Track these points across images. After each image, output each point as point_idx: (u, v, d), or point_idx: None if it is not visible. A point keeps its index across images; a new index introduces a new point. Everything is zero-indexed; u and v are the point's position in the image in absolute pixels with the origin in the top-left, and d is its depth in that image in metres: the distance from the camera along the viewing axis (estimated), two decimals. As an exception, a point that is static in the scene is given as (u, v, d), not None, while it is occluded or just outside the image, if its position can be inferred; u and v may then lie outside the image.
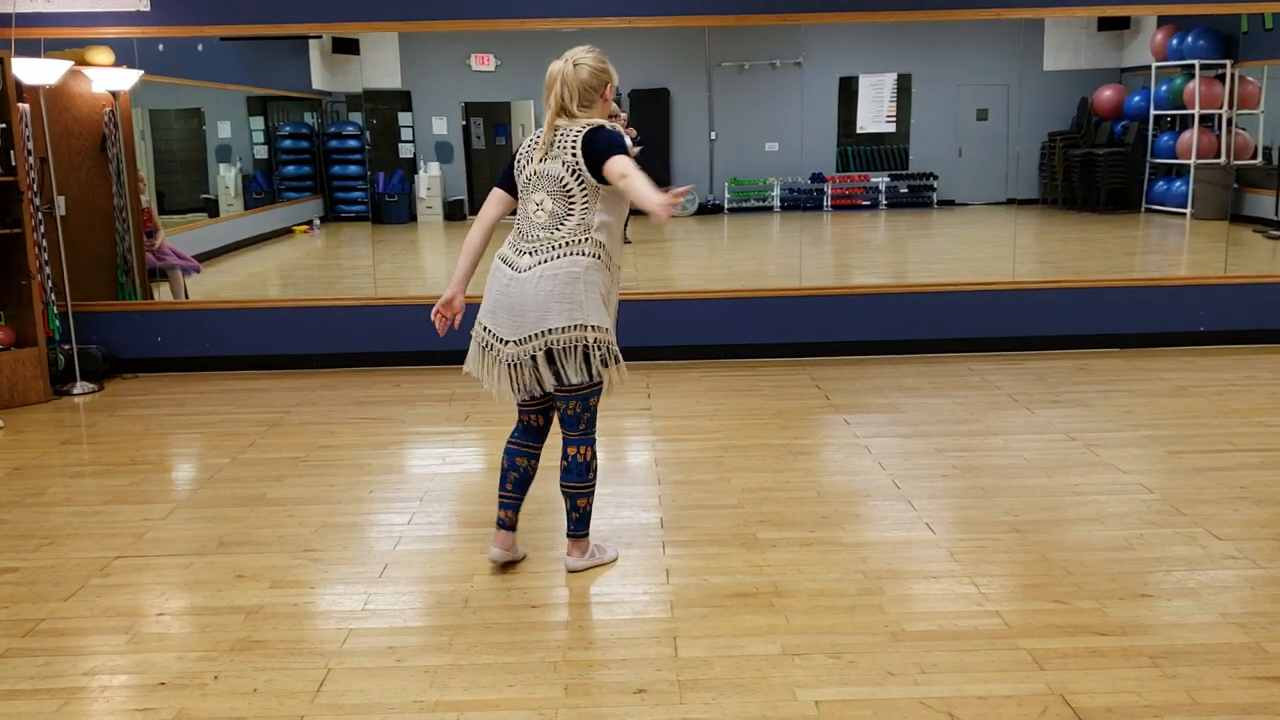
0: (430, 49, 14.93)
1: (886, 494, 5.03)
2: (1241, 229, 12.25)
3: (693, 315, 7.95)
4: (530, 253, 3.96)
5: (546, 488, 5.13)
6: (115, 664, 3.57)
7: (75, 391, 7.26)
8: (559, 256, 3.92)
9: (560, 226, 3.94)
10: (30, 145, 7.02)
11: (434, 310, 4.31)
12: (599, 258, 3.97)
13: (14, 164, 6.81)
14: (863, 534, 4.57)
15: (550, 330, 3.93)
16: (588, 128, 3.91)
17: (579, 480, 4.15)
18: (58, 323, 7.29)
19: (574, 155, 3.88)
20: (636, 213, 4.14)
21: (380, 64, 14.53)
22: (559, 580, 4.17)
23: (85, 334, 7.55)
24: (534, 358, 3.96)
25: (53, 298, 7.28)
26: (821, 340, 7.91)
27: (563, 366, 3.96)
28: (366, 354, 7.87)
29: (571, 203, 3.93)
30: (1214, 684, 3.27)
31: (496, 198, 4.16)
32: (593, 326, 3.95)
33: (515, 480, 4.27)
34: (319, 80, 14.26)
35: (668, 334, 7.89)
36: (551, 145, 3.93)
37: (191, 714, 3.25)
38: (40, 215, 7.14)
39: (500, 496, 4.27)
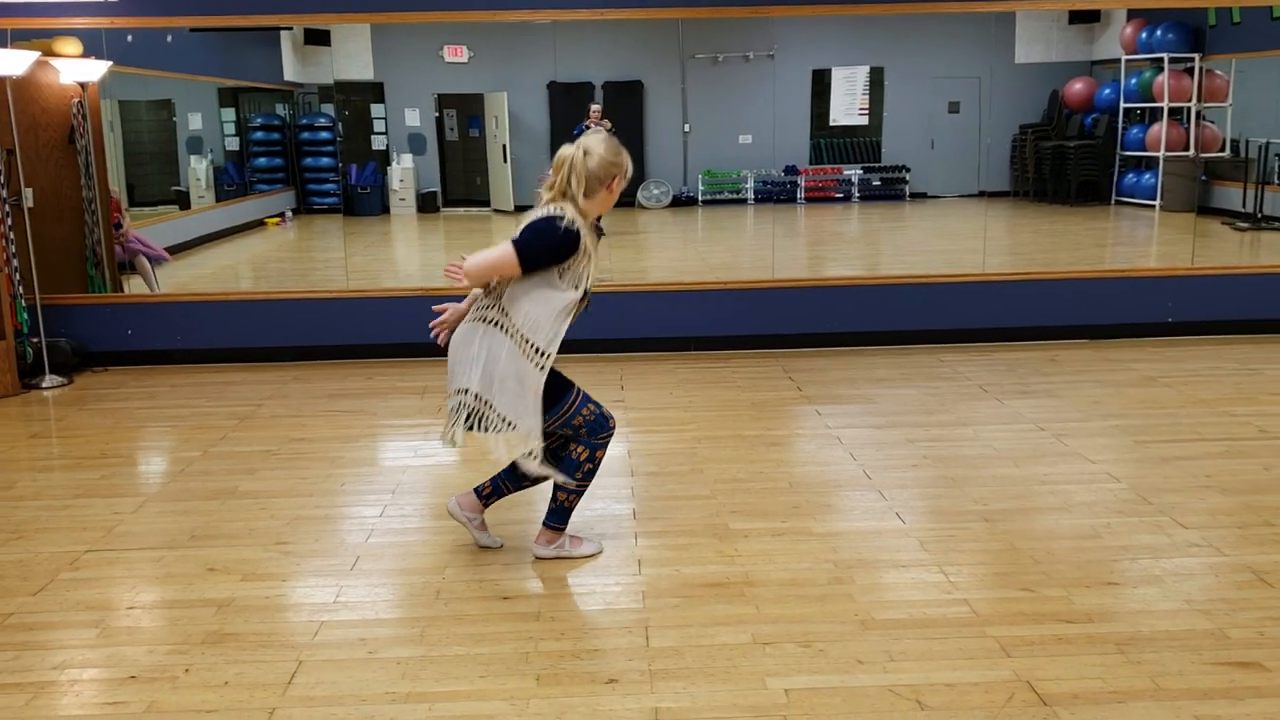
0: (403, 40, 14.90)
1: (857, 484, 5.06)
2: (1210, 221, 12.36)
3: (666, 307, 7.96)
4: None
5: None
6: (85, 658, 3.56)
7: (44, 385, 7.21)
8: (473, 319, 4.03)
9: (490, 291, 4.04)
10: (-3, 137, 6.97)
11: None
12: (503, 328, 3.95)
13: (-19, 156, 6.77)
14: (834, 524, 4.60)
15: (454, 390, 4.08)
16: (546, 213, 3.93)
17: (568, 475, 4.15)
18: (26, 316, 7.24)
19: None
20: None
21: (352, 55, 14.49)
22: (531, 572, 4.18)
23: (54, 327, 7.49)
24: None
25: (21, 290, 7.23)
26: (794, 332, 7.93)
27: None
28: (339, 346, 7.85)
29: None
30: (1178, 669, 3.32)
31: None
32: (476, 395, 3.97)
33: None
34: (291, 72, 14.21)
35: (641, 326, 7.90)
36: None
37: (162, 707, 3.25)
38: (8, 207, 7.08)
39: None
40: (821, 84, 15.93)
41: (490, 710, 3.20)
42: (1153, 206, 13.90)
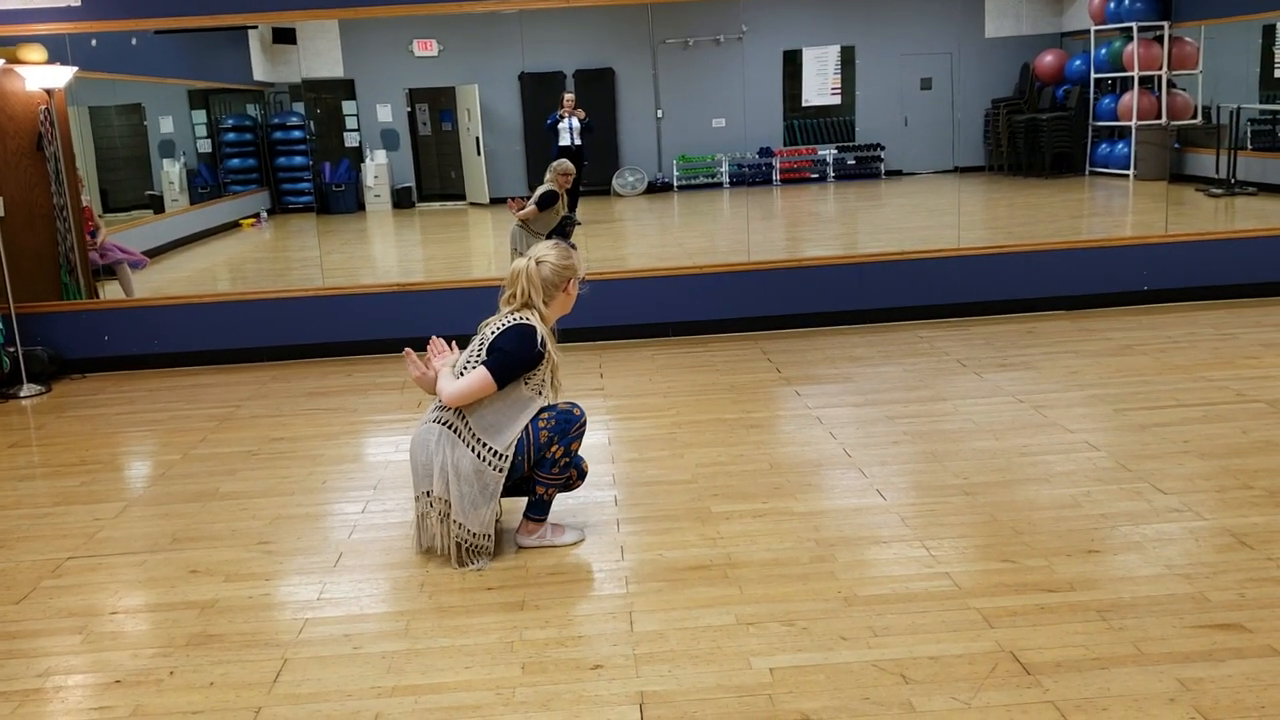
0: (371, 35, 14.83)
1: (838, 463, 5.08)
2: (1183, 188, 12.40)
3: (644, 294, 7.97)
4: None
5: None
6: (70, 664, 3.55)
7: (22, 394, 7.18)
8: (431, 421, 4.15)
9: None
10: (-36, 146, 6.92)
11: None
12: (458, 432, 4.07)
13: (-52, 166, 6.72)
14: (815, 503, 4.62)
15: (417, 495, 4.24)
16: (511, 324, 4.10)
17: (546, 471, 4.16)
18: (2, 325, 7.20)
19: (490, 335, 4.11)
20: (581, 194, 4.20)
21: (321, 53, 14.42)
22: (515, 562, 4.19)
23: (30, 335, 7.46)
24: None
25: (-5, 300, 7.20)
26: (771, 314, 7.94)
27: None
28: (318, 345, 7.83)
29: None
30: (1159, 634, 3.34)
31: None
32: (438, 498, 4.11)
33: None
34: (260, 71, 14.13)
35: (619, 313, 7.89)
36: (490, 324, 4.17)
37: (148, 710, 3.24)
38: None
39: None
40: (793, 65, 15.94)
41: (476, 700, 3.20)
42: (1127, 176, 13.94)
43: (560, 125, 11.77)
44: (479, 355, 4.09)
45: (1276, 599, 3.53)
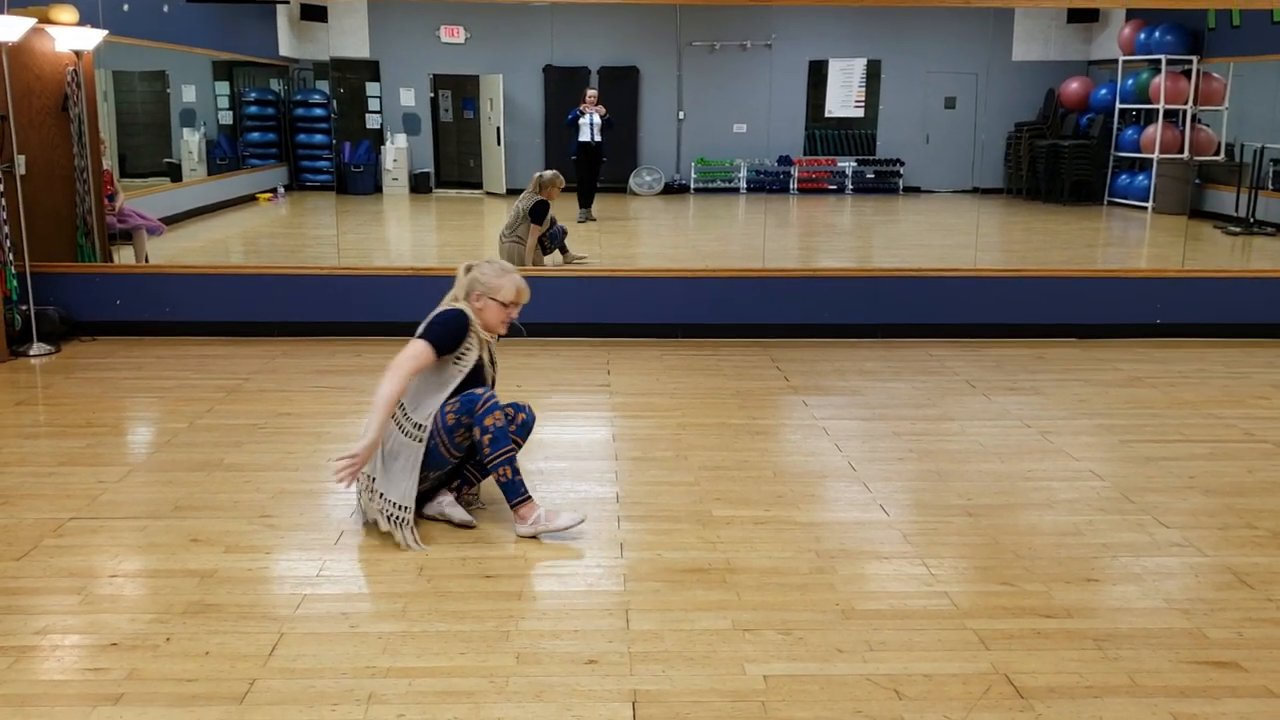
0: (400, 19, 14.85)
1: (842, 475, 5.08)
2: (1202, 224, 12.41)
3: (655, 294, 7.96)
4: None
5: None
6: (67, 624, 3.56)
7: (32, 353, 7.18)
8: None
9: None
10: (-10, 102, 6.94)
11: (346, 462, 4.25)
12: (396, 420, 4.34)
13: (-26, 121, 6.74)
14: (817, 514, 4.62)
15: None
16: (449, 307, 4.48)
17: (484, 456, 4.32)
18: (15, 283, 7.21)
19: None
20: (598, 190, 4.24)
21: (349, 32, 14.45)
22: (514, 551, 4.19)
23: (43, 295, 7.46)
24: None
25: (10, 257, 7.20)
26: (783, 322, 7.94)
27: None
28: (328, 323, 7.84)
29: None
30: (1154, 667, 3.34)
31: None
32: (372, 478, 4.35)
33: None
34: (286, 47, 14.17)
35: (629, 311, 7.90)
36: None
37: (143, 674, 3.25)
38: (0, 174, 7.05)
39: None
40: (818, 75, 15.95)
41: (469, 686, 3.21)
42: (1145, 208, 13.94)
43: (581, 121, 11.78)
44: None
45: (1275, 640, 3.53)
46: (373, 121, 15.15)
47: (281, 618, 3.62)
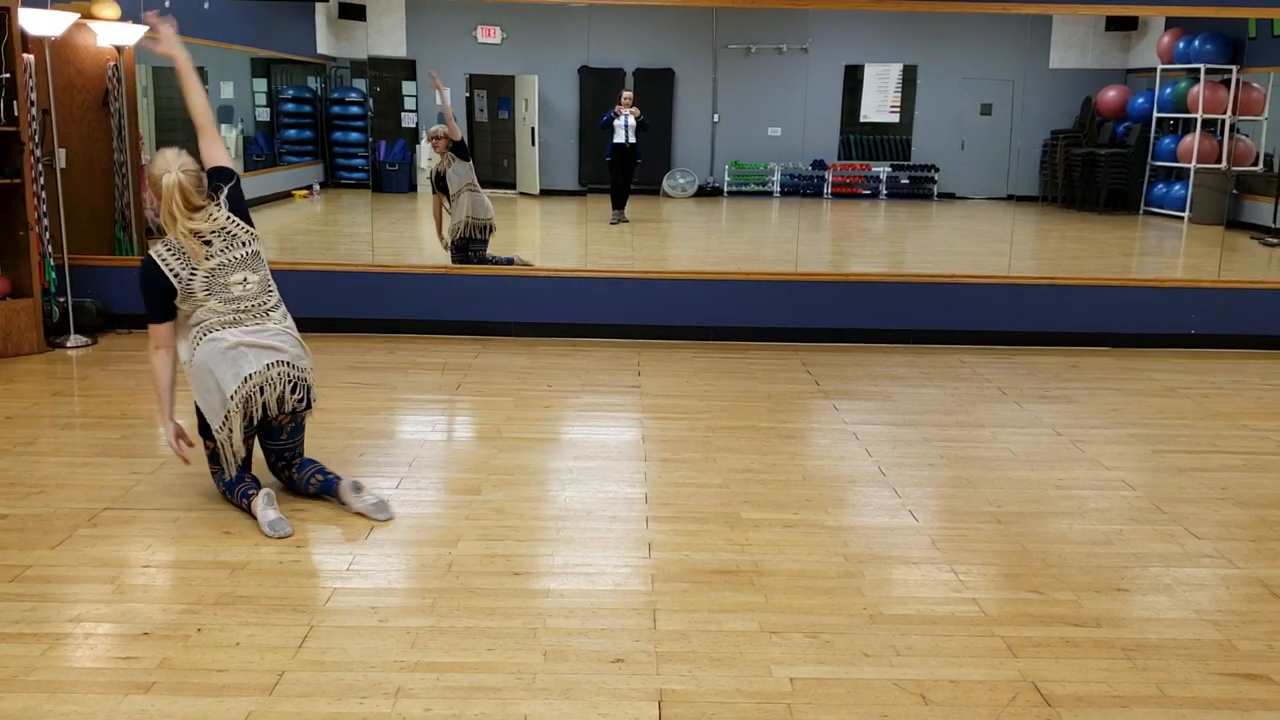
0: (437, 18, 14.91)
1: (872, 480, 5.07)
2: (1238, 235, 12.29)
3: (686, 296, 7.97)
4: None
5: (534, 459, 5.21)
6: (100, 612, 3.60)
7: (69, 344, 7.26)
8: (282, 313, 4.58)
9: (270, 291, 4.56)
10: (34, 96, 7.01)
11: (174, 442, 4.59)
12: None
13: (16, 115, 6.81)
14: (846, 518, 4.61)
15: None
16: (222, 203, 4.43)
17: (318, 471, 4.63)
18: (54, 275, 7.29)
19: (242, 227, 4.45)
20: (631, 192, 4.27)
21: (386, 31, 14.51)
22: (542, 550, 4.21)
23: (80, 287, 7.54)
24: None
25: (50, 250, 7.29)
26: (814, 326, 7.93)
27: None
28: (361, 320, 7.89)
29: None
30: (1184, 678, 3.32)
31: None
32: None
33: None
34: (324, 45, 14.25)
35: (660, 313, 7.91)
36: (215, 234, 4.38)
37: (174, 664, 3.28)
38: (40, 167, 7.13)
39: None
40: (853, 80, 15.89)
41: (497, 683, 3.22)
42: (1181, 218, 13.82)
43: (616, 123, 11.79)
44: (247, 233, 4.49)
45: (1306, 653, 3.51)
46: (408, 120, 15.21)
47: (311, 610, 3.65)
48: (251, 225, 4.49)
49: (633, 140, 11.78)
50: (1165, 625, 3.68)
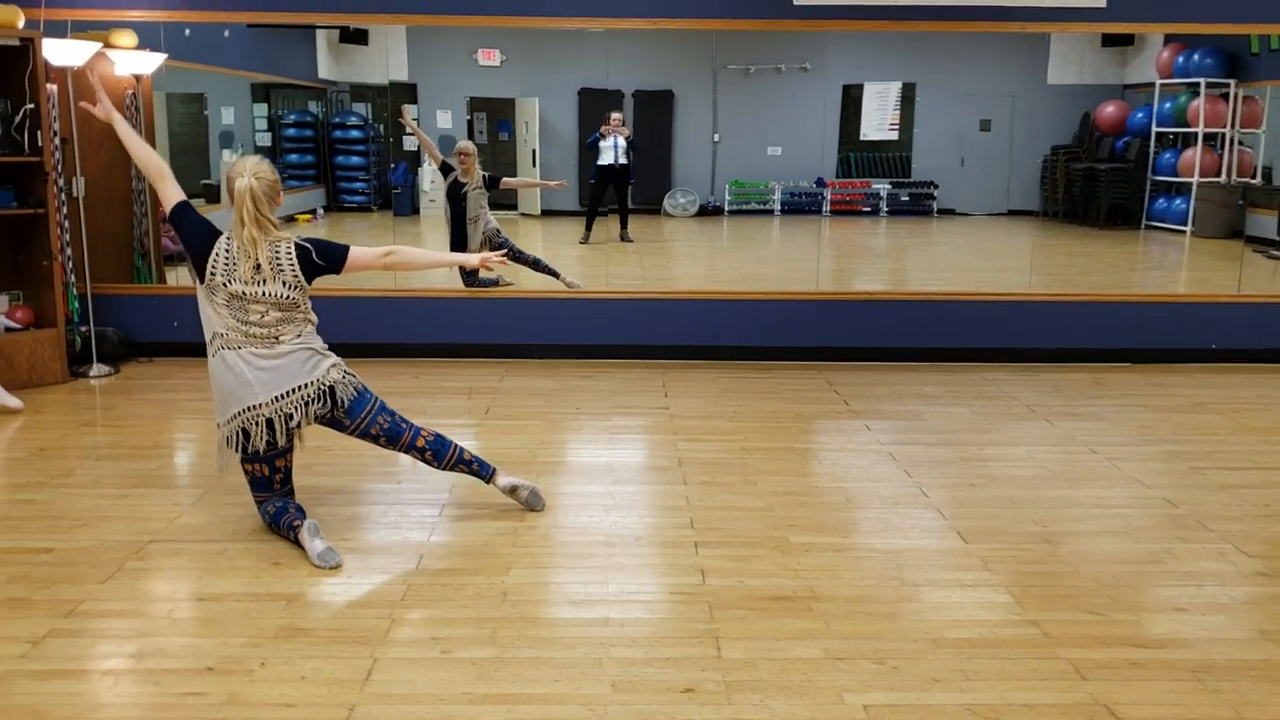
0: (438, 42, 14.91)
1: (915, 502, 5.06)
2: (1240, 247, 12.32)
3: (707, 316, 7.97)
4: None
5: (572, 484, 5.19)
6: (159, 647, 3.57)
7: (91, 374, 7.23)
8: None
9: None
10: (56, 126, 6.99)
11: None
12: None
13: (40, 144, 6.79)
14: (895, 541, 4.60)
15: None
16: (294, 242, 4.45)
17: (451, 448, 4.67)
18: (76, 304, 7.26)
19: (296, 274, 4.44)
20: (631, 212, 4.25)
21: (390, 55, 14.50)
22: (596, 577, 4.19)
23: (101, 316, 7.51)
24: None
25: (73, 279, 7.26)
26: (836, 345, 7.93)
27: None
28: (384, 345, 7.86)
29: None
30: (1259, 700, 3.31)
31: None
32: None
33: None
34: (325, 70, 14.24)
35: (682, 333, 7.91)
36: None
37: (242, 699, 3.26)
38: (63, 196, 7.11)
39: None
40: (852, 98, 15.93)
41: (568, 714, 3.20)
42: (1183, 232, 13.86)
43: (603, 144, 11.78)
44: (295, 286, 4.44)
45: (1375, 672, 3.50)
46: (410, 144, 15.20)
47: (372, 642, 3.62)
48: (307, 282, 4.47)
49: (622, 161, 11.76)
50: (1230, 646, 3.67)
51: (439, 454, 4.67)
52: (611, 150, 11.64)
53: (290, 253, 4.38)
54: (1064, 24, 8.68)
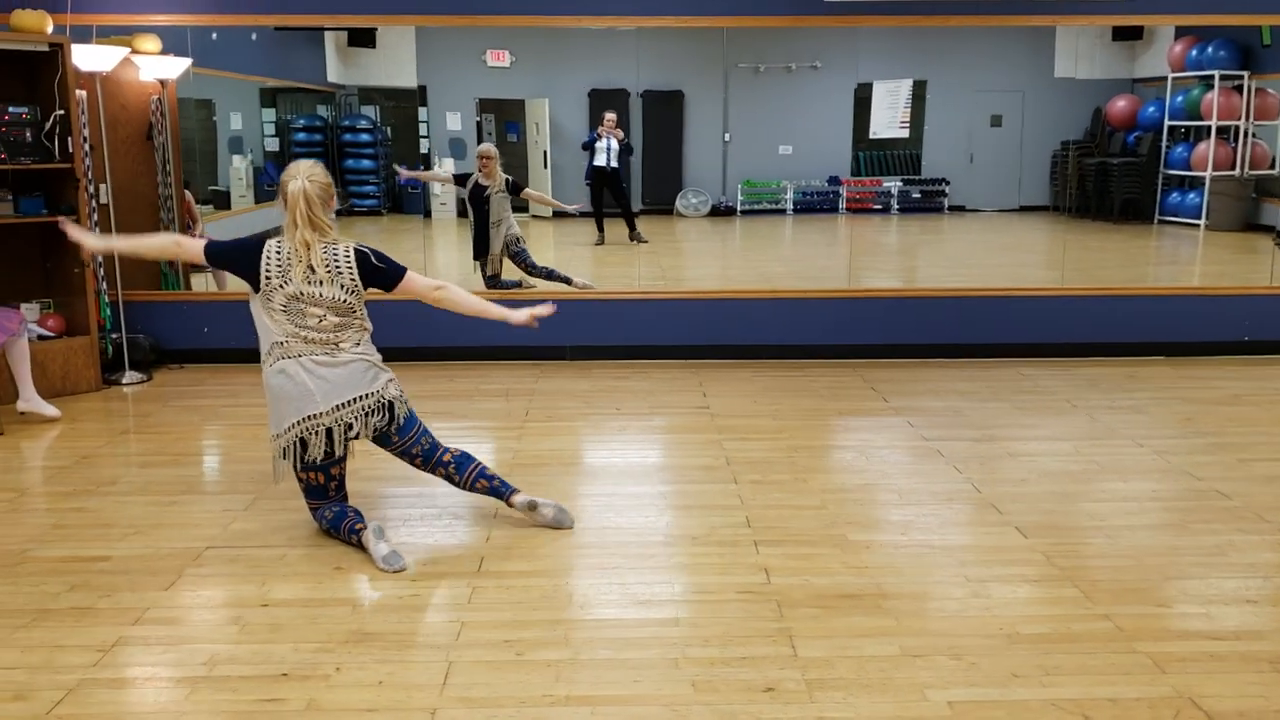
0: (447, 43, 14.88)
1: (969, 498, 5.03)
2: (1256, 238, 12.32)
3: (739, 314, 7.95)
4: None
5: (622, 485, 5.17)
6: (233, 653, 3.55)
7: (124, 381, 7.20)
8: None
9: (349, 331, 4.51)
10: (85, 132, 6.97)
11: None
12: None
13: (71, 151, 6.76)
14: (954, 537, 4.58)
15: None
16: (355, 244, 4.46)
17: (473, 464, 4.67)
18: (109, 311, 7.24)
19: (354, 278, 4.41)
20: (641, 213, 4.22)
21: (398, 58, 14.48)
22: (659, 577, 4.17)
23: (132, 323, 7.49)
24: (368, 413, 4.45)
25: (104, 286, 7.23)
26: (868, 341, 7.92)
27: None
28: (418, 348, 7.83)
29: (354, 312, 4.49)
30: (1346, 690, 3.29)
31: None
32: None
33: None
34: (334, 73, 14.20)
35: (715, 333, 7.90)
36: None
37: (322, 705, 3.23)
38: (94, 203, 7.09)
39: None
40: (863, 96, 15.91)
41: (652, 715, 3.18)
42: (1197, 225, 13.84)
43: (598, 145, 11.76)
44: (352, 290, 4.40)
45: None
46: (421, 146, 15.18)
47: (445, 645, 3.60)
48: (363, 288, 4.45)
49: (614, 164, 11.73)
50: (1306, 637, 3.66)
51: (460, 468, 4.66)
52: (604, 152, 11.62)
53: (349, 256, 4.35)
54: (1090, 17, 8.68)
